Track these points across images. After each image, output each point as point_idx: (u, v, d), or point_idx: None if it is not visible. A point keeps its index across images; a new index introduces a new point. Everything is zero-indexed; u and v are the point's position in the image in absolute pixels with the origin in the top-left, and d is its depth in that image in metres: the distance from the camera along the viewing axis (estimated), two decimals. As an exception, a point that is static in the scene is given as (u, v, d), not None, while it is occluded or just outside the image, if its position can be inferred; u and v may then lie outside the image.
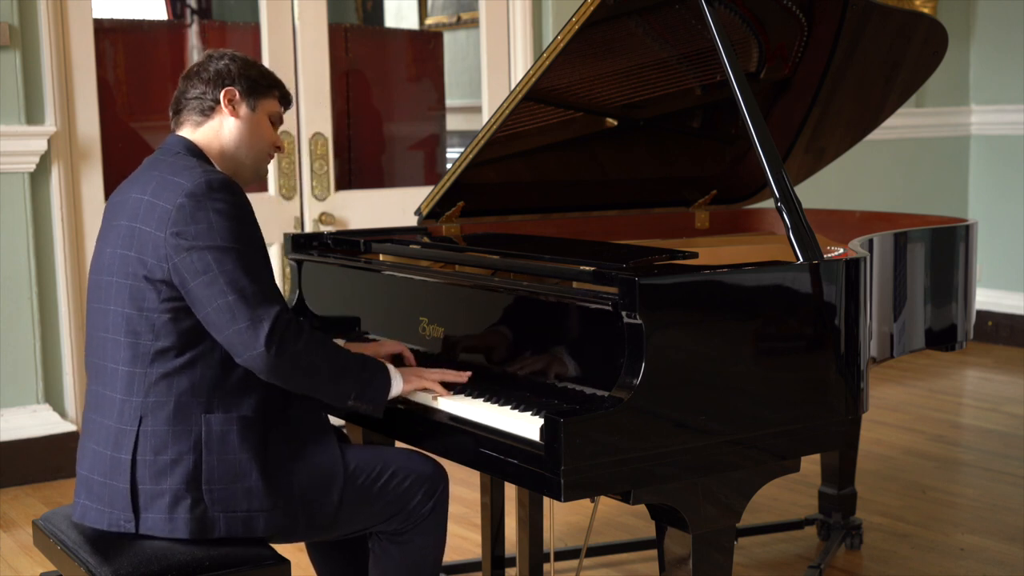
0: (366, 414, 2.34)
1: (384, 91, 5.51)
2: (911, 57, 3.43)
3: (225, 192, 2.21)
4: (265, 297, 2.17)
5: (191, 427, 2.20)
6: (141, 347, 2.21)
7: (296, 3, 4.83)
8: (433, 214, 3.08)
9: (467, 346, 2.50)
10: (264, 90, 2.42)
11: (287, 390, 2.30)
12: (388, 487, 2.33)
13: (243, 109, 2.39)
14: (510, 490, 3.02)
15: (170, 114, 2.44)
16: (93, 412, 2.31)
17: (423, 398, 2.39)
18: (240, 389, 2.24)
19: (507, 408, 2.24)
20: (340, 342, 2.67)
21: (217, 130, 2.39)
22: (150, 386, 2.21)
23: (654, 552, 3.37)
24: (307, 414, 2.35)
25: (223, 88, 2.37)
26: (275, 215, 4.81)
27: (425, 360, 2.57)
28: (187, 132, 2.40)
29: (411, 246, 2.85)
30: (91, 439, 2.30)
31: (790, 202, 2.41)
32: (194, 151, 2.36)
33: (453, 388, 2.41)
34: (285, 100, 2.48)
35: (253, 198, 2.50)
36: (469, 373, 2.42)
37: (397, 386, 2.35)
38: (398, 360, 2.56)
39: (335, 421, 2.66)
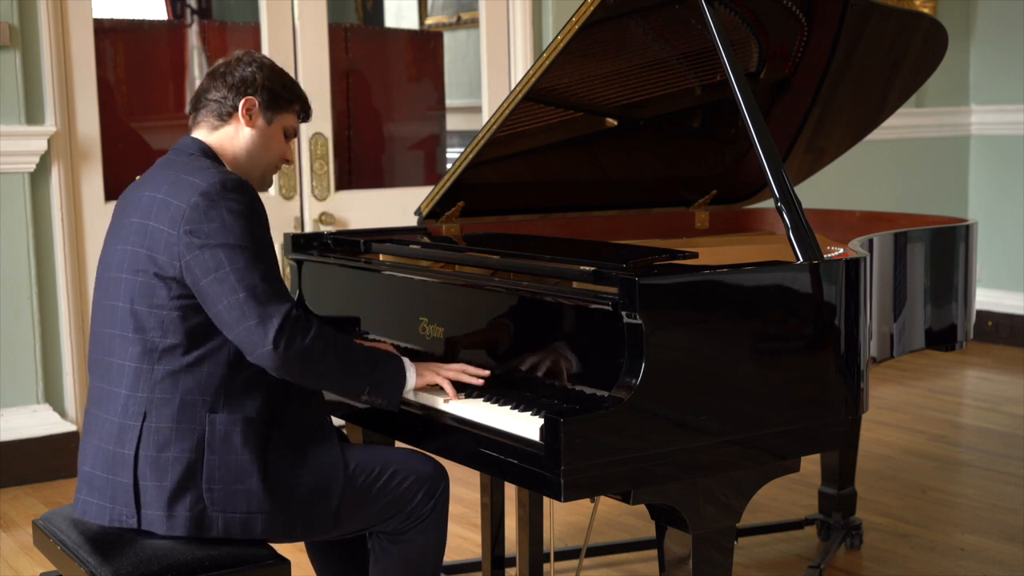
0: (382, 408, 2.34)
1: (384, 91, 5.51)
2: (911, 57, 3.43)
3: (239, 192, 2.22)
4: (275, 294, 2.17)
5: (195, 426, 2.21)
6: (149, 343, 2.22)
7: (296, 3, 4.83)
8: (433, 214, 3.08)
9: (467, 346, 2.50)
10: (284, 104, 2.44)
11: (289, 391, 2.30)
12: (388, 487, 2.33)
13: (259, 120, 2.41)
14: (510, 490, 3.02)
15: (187, 109, 2.47)
16: (95, 408, 2.32)
17: (429, 399, 2.38)
18: (245, 390, 2.24)
19: (507, 408, 2.24)
20: None
21: (232, 136, 2.41)
22: (156, 383, 2.21)
23: (654, 552, 3.37)
24: (310, 416, 2.35)
25: (244, 96, 2.39)
26: (275, 215, 4.81)
27: (424, 360, 2.56)
28: (202, 134, 2.42)
29: (411, 246, 2.85)
30: (93, 435, 2.30)
31: (790, 202, 2.41)
32: (208, 153, 2.38)
33: (465, 389, 2.38)
34: (305, 114, 2.50)
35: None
36: (487, 372, 2.39)
37: (411, 380, 2.35)
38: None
39: (335, 421, 2.66)
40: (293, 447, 2.28)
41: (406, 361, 2.36)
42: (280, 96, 2.42)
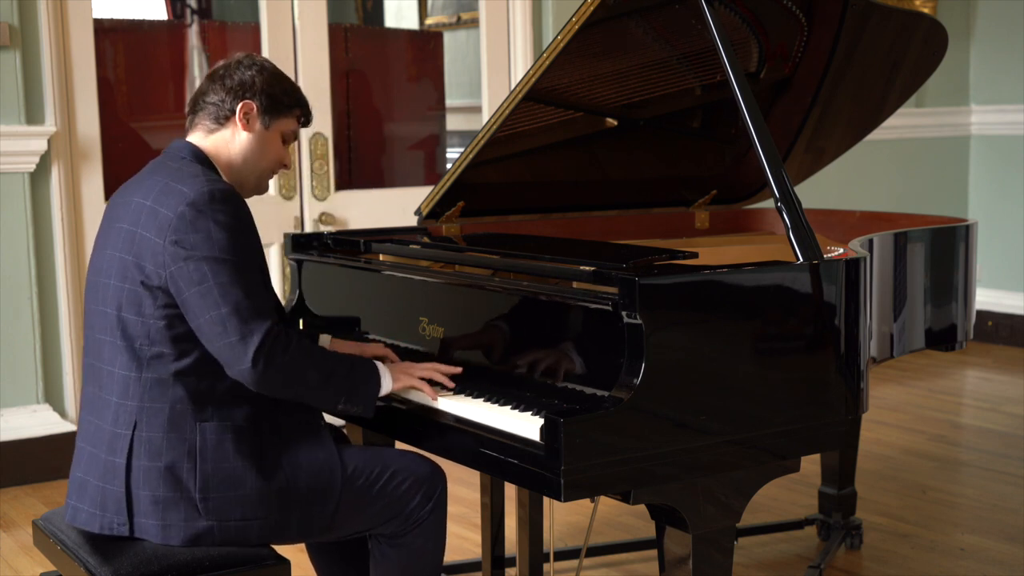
0: (358, 416, 2.34)
1: (384, 91, 5.51)
2: (911, 57, 3.43)
3: (227, 203, 2.20)
4: (257, 312, 2.16)
5: (186, 435, 2.20)
6: (138, 352, 2.21)
7: (296, 3, 4.83)
8: (433, 214, 3.08)
9: (467, 346, 2.50)
10: (284, 109, 2.40)
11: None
12: (387, 489, 2.32)
13: (257, 125, 2.38)
14: (510, 490, 3.02)
15: (186, 110, 2.43)
16: (88, 413, 2.31)
17: (422, 397, 2.39)
18: (234, 398, 2.23)
19: (507, 408, 2.24)
20: (326, 338, 2.67)
21: (228, 141, 2.38)
22: (145, 391, 2.20)
23: (654, 552, 3.37)
24: (302, 419, 2.35)
25: (242, 100, 2.35)
26: (275, 215, 4.81)
27: (425, 360, 2.56)
28: (197, 138, 2.39)
29: (411, 246, 2.85)
30: (86, 440, 2.30)
31: (790, 202, 2.41)
32: (200, 158, 2.35)
33: (446, 386, 2.40)
34: (305, 119, 2.46)
35: (254, 198, 2.49)
36: (459, 370, 2.41)
37: (387, 385, 2.35)
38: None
39: (335, 422, 2.66)
40: (287, 451, 2.28)
41: (380, 366, 2.35)
42: (279, 101, 2.39)
